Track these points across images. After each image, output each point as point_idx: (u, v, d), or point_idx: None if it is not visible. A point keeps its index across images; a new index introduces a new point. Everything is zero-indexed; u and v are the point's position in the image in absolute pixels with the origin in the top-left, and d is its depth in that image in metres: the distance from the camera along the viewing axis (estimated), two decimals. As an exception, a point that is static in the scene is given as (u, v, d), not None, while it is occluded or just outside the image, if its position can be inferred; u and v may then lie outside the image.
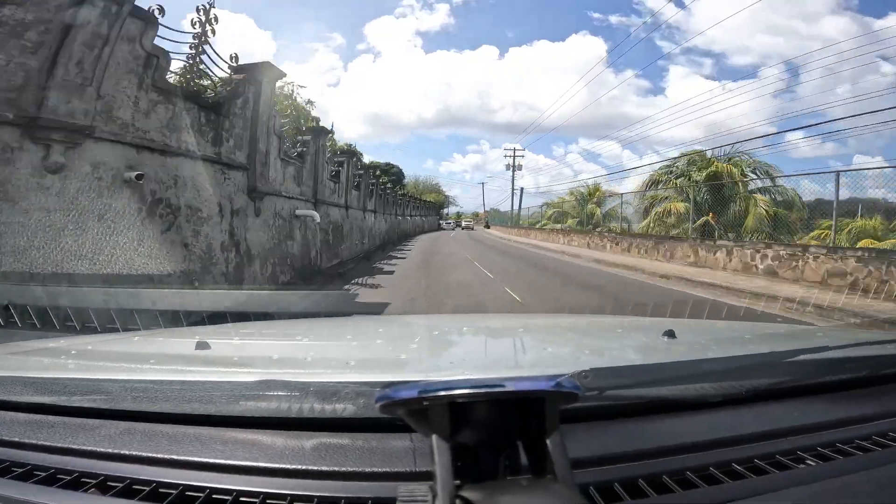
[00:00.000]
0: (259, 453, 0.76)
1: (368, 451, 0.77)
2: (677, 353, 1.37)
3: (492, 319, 2.83)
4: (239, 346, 1.58)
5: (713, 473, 0.76)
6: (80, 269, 4.72)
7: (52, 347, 1.46)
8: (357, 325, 2.41)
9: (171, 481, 0.72)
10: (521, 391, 0.56)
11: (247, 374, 1.01)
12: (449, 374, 1.12)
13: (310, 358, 1.44)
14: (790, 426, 0.90)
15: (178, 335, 1.86)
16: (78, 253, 4.74)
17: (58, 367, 1.18)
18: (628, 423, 0.88)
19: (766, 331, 2.04)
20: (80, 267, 4.74)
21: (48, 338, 1.80)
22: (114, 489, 0.72)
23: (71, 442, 0.81)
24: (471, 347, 1.72)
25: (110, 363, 1.25)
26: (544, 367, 1.32)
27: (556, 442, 0.56)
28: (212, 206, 6.95)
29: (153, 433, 0.83)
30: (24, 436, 0.83)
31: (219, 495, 0.70)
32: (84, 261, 4.79)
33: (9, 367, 1.14)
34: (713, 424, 0.89)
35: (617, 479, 0.73)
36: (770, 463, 0.79)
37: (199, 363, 1.17)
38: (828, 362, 1.07)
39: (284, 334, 1.84)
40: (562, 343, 1.77)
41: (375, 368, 1.31)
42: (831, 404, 1.00)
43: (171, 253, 5.99)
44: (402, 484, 0.65)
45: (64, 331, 3.10)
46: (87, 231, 4.84)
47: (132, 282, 5.12)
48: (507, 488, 0.54)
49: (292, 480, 0.72)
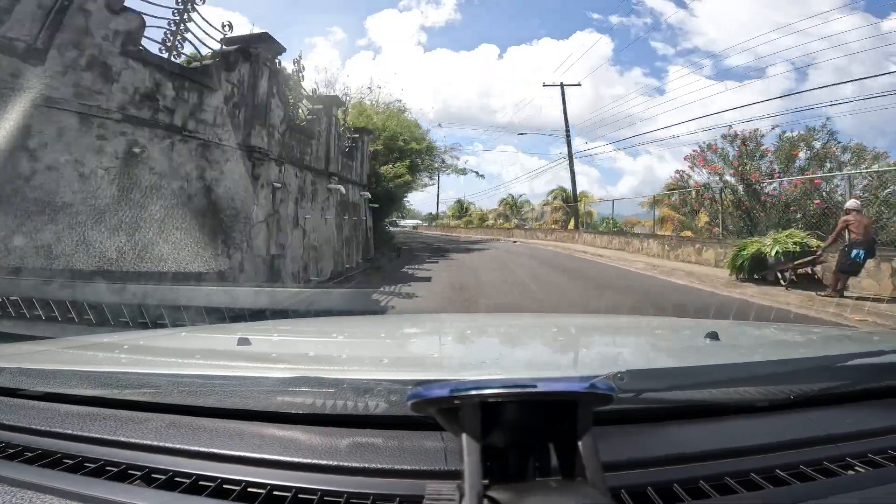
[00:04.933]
0: (293, 448, 0.78)
1: (399, 448, 0.77)
2: (720, 356, 1.31)
3: (525, 319, 2.81)
4: (277, 342, 1.63)
5: (754, 479, 0.73)
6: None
7: (105, 342, 1.53)
8: (391, 323, 2.45)
9: (209, 474, 0.75)
10: (553, 392, 0.55)
11: (284, 370, 1.03)
12: (481, 373, 1.11)
13: (345, 355, 1.46)
14: (840, 432, 0.85)
15: (221, 331, 1.93)
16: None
17: (111, 361, 1.24)
18: (665, 427, 0.85)
19: (817, 333, 1.94)
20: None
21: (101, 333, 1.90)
22: (157, 481, 0.75)
23: (120, 434, 0.84)
24: (503, 347, 1.71)
25: (159, 358, 1.30)
26: (578, 367, 1.30)
27: (587, 444, 0.55)
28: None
29: (196, 427, 0.86)
30: (78, 428, 0.87)
31: (253, 489, 0.72)
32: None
33: (66, 361, 1.20)
34: (757, 430, 0.85)
35: (650, 483, 0.71)
36: (816, 469, 0.75)
37: (240, 359, 1.21)
38: (883, 367, 1.01)
39: (321, 331, 1.87)
40: (597, 343, 1.73)
41: (408, 366, 1.31)
42: (885, 410, 0.95)
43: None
44: (430, 482, 0.65)
45: (117, 327, 3.28)
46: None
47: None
48: (535, 489, 0.53)
49: (324, 476, 0.73)
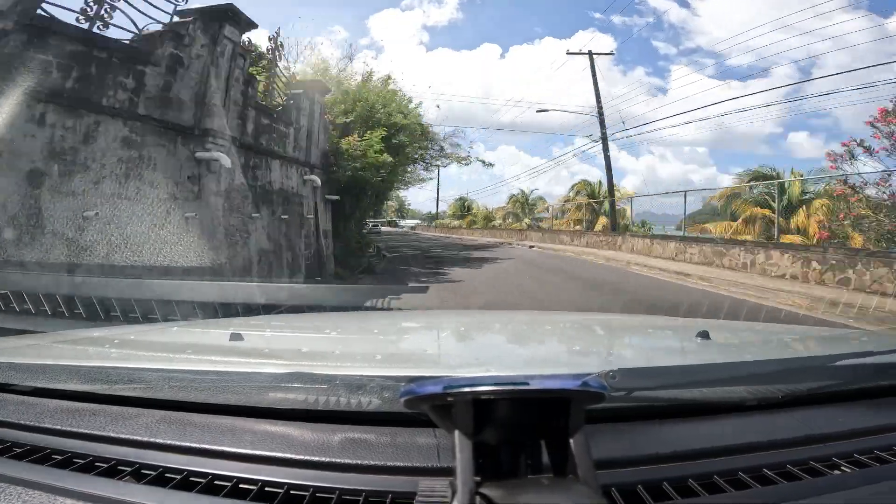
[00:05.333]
0: (286, 445, 0.78)
1: (391, 445, 0.77)
2: (711, 355, 1.32)
3: (519, 316, 2.81)
4: (270, 338, 1.62)
5: (741, 478, 0.73)
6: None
7: (96, 337, 1.51)
8: (385, 319, 2.44)
9: (201, 470, 0.74)
10: (546, 390, 0.56)
11: (277, 365, 1.02)
12: (474, 370, 1.12)
13: (338, 351, 1.46)
14: (827, 432, 0.86)
15: (214, 326, 1.92)
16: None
17: (101, 356, 1.23)
18: (656, 426, 0.86)
19: (807, 334, 1.96)
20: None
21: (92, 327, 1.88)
22: (147, 477, 0.74)
23: (110, 430, 0.84)
24: (497, 344, 1.72)
25: (151, 353, 1.29)
26: (571, 365, 1.30)
27: (579, 442, 0.55)
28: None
29: (187, 422, 0.85)
30: (68, 424, 0.86)
31: (245, 485, 0.72)
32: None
33: (55, 356, 1.19)
34: (745, 428, 0.86)
35: (641, 482, 0.71)
36: (803, 469, 0.76)
37: (232, 354, 1.20)
38: (871, 367, 1.02)
39: (314, 327, 1.87)
40: (590, 342, 1.74)
41: (401, 363, 1.31)
42: (873, 410, 0.96)
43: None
44: (422, 479, 0.65)
45: (108, 321, 3.24)
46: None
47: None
48: (527, 486, 0.54)
49: (316, 472, 0.73)
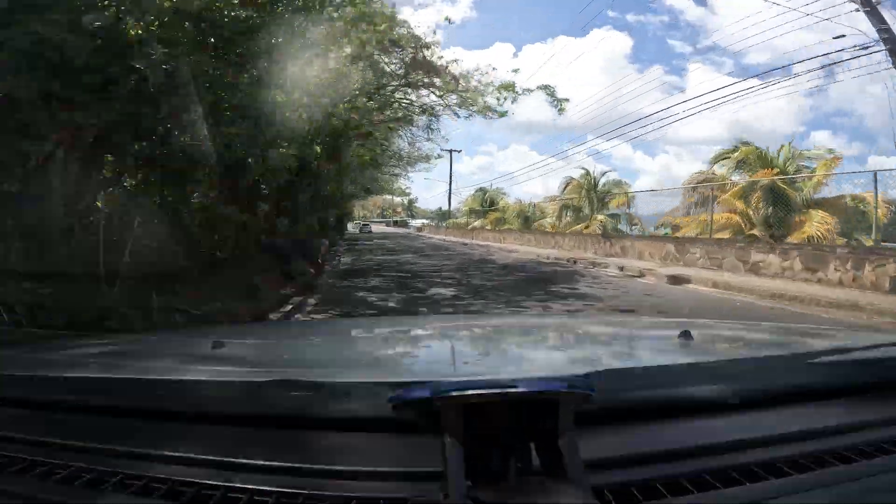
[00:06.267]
0: (273, 452, 0.77)
1: (380, 451, 0.77)
2: (693, 355, 1.34)
3: (506, 320, 2.83)
4: (253, 345, 1.60)
5: (731, 476, 0.75)
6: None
7: (74, 346, 1.49)
8: (371, 326, 2.44)
9: (187, 479, 0.73)
10: (534, 392, 0.56)
11: (261, 373, 1.01)
12: (461, 374, 1.12)
13: (323, 358, 1.44)
14: (811, 429, 0.88)
15: (195, 335, 1.89)
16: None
17: (80, 366, 1.20)
18: (643, 426, 0.86)
19: (788, 332, 2.00)
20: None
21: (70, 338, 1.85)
22: (131, 487, 0.73)
23: (91, 441, 0.82)
24: (483, 348, 1.72)
25: (131, 362, 1.27)
26: (558, 367, 1.31)
27: (569, 443, 0.56)
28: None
29: (170, 432, 0.84)
30: (46, 435, 0.84)
31: (234, 493, 0.70)
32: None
33: (33, 366, 1.16)
34: (731, 427, 0.87)
35: (632, 481, 0.72)
36: (790, 466, 0.78)
37: (214, 362, 1.19)
38: (851, 364, 1.05)
39: (299, 334, 1.85)
40: (576, 344, 1.75)
41: (388, 368, 1.31)
42: (855, 407, 0.98)
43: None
44: (412, 484, 0.65)
45: (85, 331, 3.18)
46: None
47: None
48: (518, 489, 0.54)
49: (304, 479, 0.72)
